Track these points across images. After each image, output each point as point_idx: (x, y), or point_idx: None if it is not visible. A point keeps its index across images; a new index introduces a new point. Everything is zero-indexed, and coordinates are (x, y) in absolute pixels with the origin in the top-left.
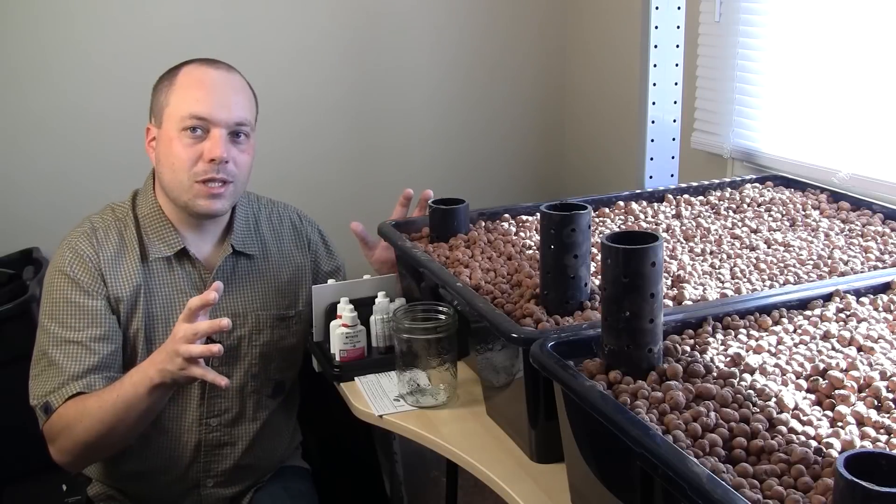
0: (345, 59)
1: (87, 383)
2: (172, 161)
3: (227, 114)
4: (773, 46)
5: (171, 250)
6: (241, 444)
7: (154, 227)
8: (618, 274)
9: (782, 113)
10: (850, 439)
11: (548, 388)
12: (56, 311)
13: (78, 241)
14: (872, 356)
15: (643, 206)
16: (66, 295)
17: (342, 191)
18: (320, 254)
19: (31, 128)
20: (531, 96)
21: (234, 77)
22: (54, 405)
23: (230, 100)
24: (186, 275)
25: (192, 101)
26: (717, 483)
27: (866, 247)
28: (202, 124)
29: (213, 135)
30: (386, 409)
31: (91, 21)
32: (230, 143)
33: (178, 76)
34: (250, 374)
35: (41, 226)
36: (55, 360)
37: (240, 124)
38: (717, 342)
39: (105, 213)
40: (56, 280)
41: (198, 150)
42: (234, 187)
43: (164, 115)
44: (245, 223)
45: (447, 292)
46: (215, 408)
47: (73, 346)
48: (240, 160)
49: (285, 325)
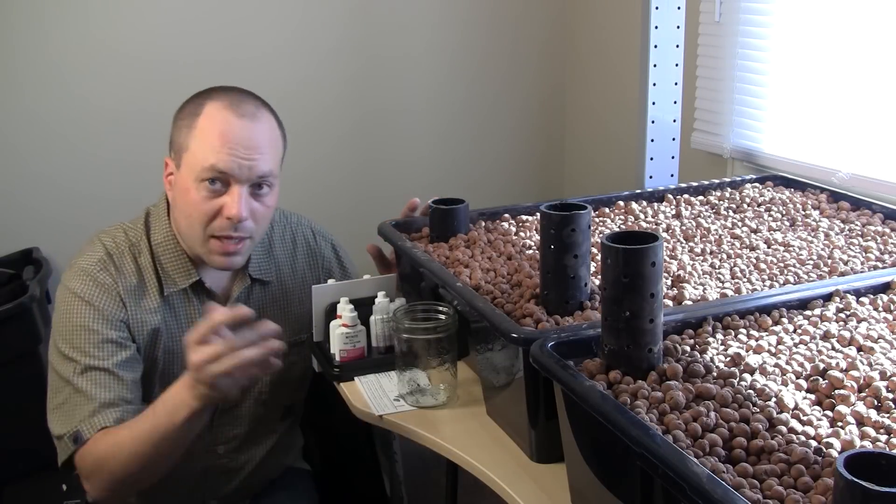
0: (345, 59)
1: (120, 414)
2: (189, 211)
3: (248, 171)
4: (774, 46)
5: (187, 282)
6: (248, 468)
7: (169, 258)
8: (618, 274)
9: (782, 113)
10: (850, 439)
11: (548, 388)
12: (77, 340)
13: (95, 269)
14: (872, 356)
15: (643, 206)
16: (86, 324)
17: (342, 191)
18: (334, 272)
19: (31, 128)
20: (531, 96)
21: (261, 125)
22: (85, 435)
23: (254, 154)
24: (203, 306)
25: (212, 152)
26: (717, 483)
27: (866, 247)
28: (222, 177)
29: (233, 191)
30: (386, 409)
31: (91, 21)
32: (251, 196)
33: (200, 118)
34: (261, 401)
35: (41, 226)
36: (81, 388)
37: (262, 177)
38: (717, 342)
39: (117, 234)
40: (76, 307)
41: (215, 206)
42: (251, 242)
43: (184, 160)
44: (261, 248)
45: (447, 292)
46: (223, 435)
47: (99, 373)
48: (259, 213)
49: (297, 350)
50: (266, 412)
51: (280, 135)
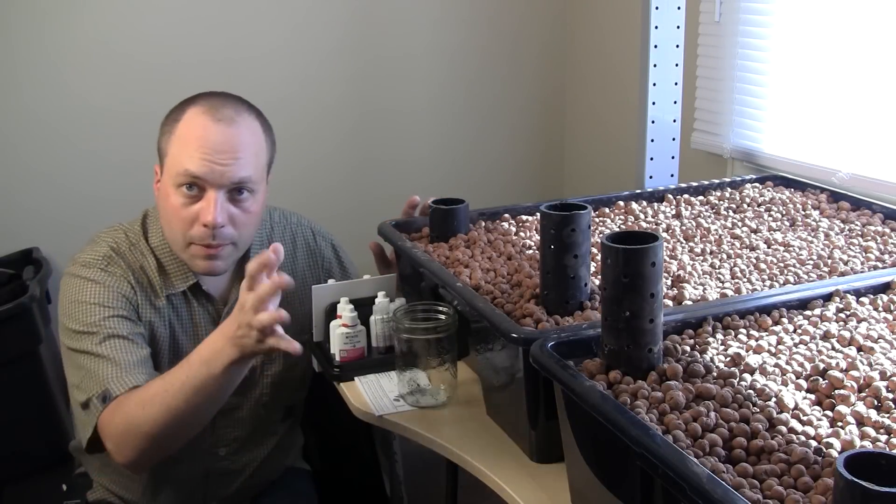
0: (344, 59)
1: (148, 376)
2: (170, 218)
3: (222, 176)
4: (774, 46)
5: (185, 284)
6: (248, 470)
7: (167, 260)
8: (618, 274)
9: (782, 113)
10: (850, 439)
11: (548, 388)
12: (90, 317)
13: (101, 263)
14: (872, 356)
15: (643, 206)
16: (98, 300)
17: (342, 191)
18: (334, 272)
19: (31, 128)
20: (531, 96)
21: (239, 130)
22: (115, 392)
23: (230, 159)
24: (202, 308)
25: (187, 157)
26: (717, 483)
27: (866, 247)
28: (198, 182)
29: (209, 197)
30: (386, 409)
31: (91, 21)
32: (229, 202)
33: (180, 124)
34: (261, 403)
35: (41, 226)
36: (104, 354)
37: (240, 183)
38: (717, 342)
39: (118, 235)
40: (85, 288)
41: (193, 211)
42: (233, 248)
43: (165, 166)
44: (261, 249)
45: (447, 292)
46: (224, 437)
47: (120, 340)
48: (240, 220)
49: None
50: (267, 413)
51: (264, 139)
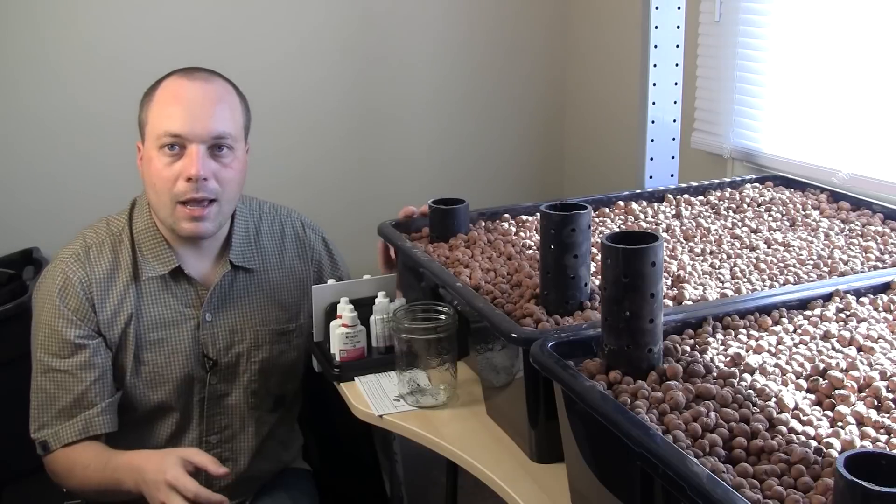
0: (344, 59)
1: (83, 424)
2: (154, 181)
3: (202, 129)
4: (774, 46)
5: (166, 269)
6: (242, 460)
7: (149, 245)
8: (618, 274)
9: (782, 113)
10: (850, 439)
11: (548, 388)
12: (44, 339)
13: (69, 265)
14: (872, 356)
15: (643, 206)
16: (51, 324)
17: (342, 191)
18: (324, 264)
19: (30, 128)
20: (531, 96)
21: (214, 86)
22: (52, 447)
23: (207, 113)
24: (182, 293)
25: (166, 117)
26: (717, 483)
27: (866, 247)
28: (178, 141)
29: (190, 151)
30: (386, 409)
31: (91, 21)
32: (210, 158)
33: (157, 91)
34: (250, 390)
35: (41, 226)
36: (44, 387)
37: (219, 137)
38: (717, 342)
39: (100, 227)
40: (45, 307)
41: (176, 169)
42: (218, 207)
43: (146, 133)
44: (244, 236)
45: (447, 292)
46: (215, 425)
47: (59, 374)
48: (223, 175)
49: (285, 339)
50: (256, 401)
51: (239, 101)
